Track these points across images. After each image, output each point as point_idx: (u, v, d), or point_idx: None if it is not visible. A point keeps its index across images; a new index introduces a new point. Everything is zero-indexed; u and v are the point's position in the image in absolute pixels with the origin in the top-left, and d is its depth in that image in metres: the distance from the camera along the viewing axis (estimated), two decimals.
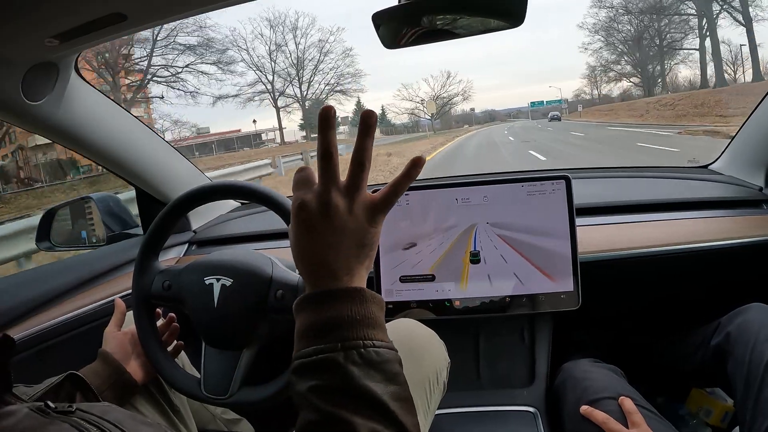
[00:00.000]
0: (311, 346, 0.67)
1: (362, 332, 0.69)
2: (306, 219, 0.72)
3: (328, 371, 0.66)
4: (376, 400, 0.65)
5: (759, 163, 1.79)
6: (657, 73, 62.14)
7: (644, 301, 1.81)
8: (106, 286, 1.63)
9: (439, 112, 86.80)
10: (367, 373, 0.66)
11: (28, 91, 1.25)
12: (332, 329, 0.68)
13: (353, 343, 0.67)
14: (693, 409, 1.69)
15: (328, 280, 0.72)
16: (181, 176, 1.92)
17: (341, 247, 0.72)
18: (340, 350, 0.66)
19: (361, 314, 0.70)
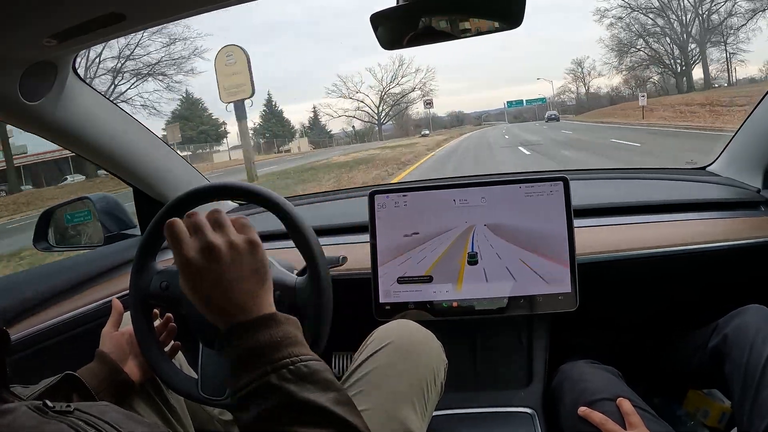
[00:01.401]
0: (242, 380, 0.71)
1: (286, 351, 0.73)
2: (200, 266, 0.78)
3: (266, 396, 0.69)
4: (319, 409, 0.69)
5: (757, 164, 1.79)
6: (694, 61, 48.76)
7: (642, 302, 1.81)
8: (104, 287, 1.63)
9: (389, 113, 73.57)
10: (303, 386, 0.70)
11: (26, 90, 1.25)
12: (257, 357, 0.72)
13: (281, 363, 0.71)
14: (690, 410, 1.69)
15: (239, 314, 0.76)
16: (179, 176, 1.92)
17: (240, 280, 0.78)
18: (270, 373, 0.70)
19: (280, 336, 0.74)
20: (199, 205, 1.27)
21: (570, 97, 74.39)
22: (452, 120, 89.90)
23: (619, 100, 57.11)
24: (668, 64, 50.22)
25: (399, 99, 73.27)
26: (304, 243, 1.14)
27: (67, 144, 1.53)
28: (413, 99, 76.13)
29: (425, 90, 72.49)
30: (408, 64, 75.50)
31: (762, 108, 1.73)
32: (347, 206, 2.24)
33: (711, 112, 25.38)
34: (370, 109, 73.19)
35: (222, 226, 0.81)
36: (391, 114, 74.33)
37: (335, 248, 1.63)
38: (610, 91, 63.58)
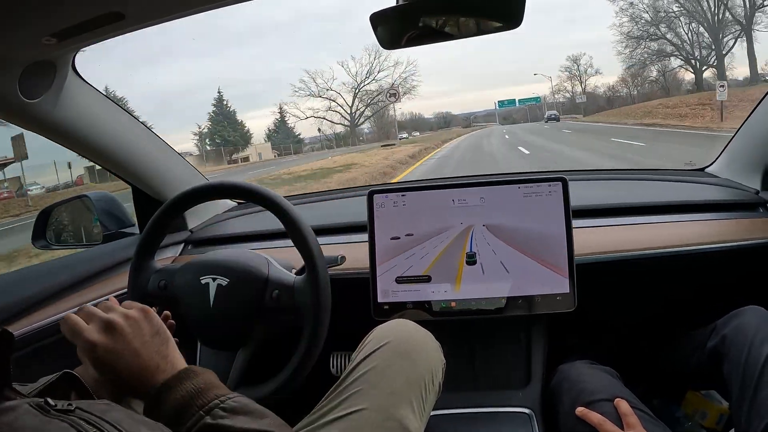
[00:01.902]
0: (182, 428, 0.73)
1: (212, 394, 0.76)
2: (107, 345, 0.82)
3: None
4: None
5: (755, 165, 1.79)
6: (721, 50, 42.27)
7: (640, 303, 1.82)
8: (103, 285, 1.63)
9: (364, 113, 63.78)
10: (239, 419, 0.73)
11: (26, 89, 1.25)
12: (186, 408, 0.75)
13: (211, 405, 0.74)
14: (688, 412, 1.69)
15: (158, 376, 0.80)
16: (178, 175, 1.92)
17: (146, 345, 0.82)
18: (205, 415, 0.73)
19: (202, 383, 0.78)
20: (198, 204, 1.28)
21: (565, 96, 70.30)
22: (439, 121, 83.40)
23: (617, 100, 55.71)
24: (691, 54, 44.88)
25: (376, 97, 64.85)
26: (303, 242, 1.15)
27: (66, 142, 1.53)
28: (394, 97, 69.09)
29: (407, 87, 64.21)
30: (386, 56, 66.80)
31: (761, 109, 1.73)
32: (346, 206, 2.24)
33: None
34: (342, 109, 64.79)
35: (110, 307, 0.87)
36: (368, 114, 65.97)
37: (334, 248, 1.63)
38: (607, 91, 61.54)
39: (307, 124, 69.61)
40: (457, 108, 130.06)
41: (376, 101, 64.55)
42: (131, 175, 1.78)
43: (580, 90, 67.06)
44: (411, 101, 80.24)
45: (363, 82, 64.47)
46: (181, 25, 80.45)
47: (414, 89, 65.42)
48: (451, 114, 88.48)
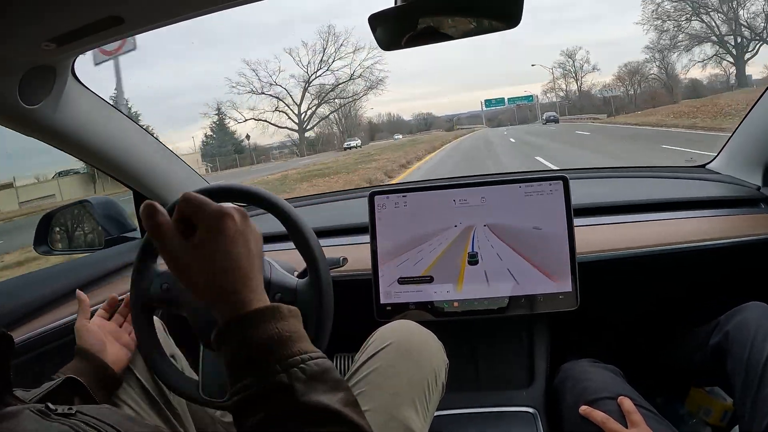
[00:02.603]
0: (248, 377, 0.65)
1: (295, 348, 0.67)
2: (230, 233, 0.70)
3: (275, 398, 0.64)
4: (331, 412, 0.64)
5: (756, 162, 1.79)
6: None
7: (643, 300, 1.81)
8: (104, 290, 1.63)
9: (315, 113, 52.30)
10: (314, 387, 0.64)
11: (26, 94, 1.25)
12: (266, 354, 0.66)
13: (292, 361, 0.65)
14: (692, 409, 1.69)
15: (240, 303, 0.69)
16: (179, 179, 1.92)
17: (247, 256, 0.72)
18: (281, 372, 0.64)
19: (288, 330, 0.68)
20: None
21: (559, 95, 64.14)
22: (419, 123, 74.02)
23: (615, 100, 52.64)
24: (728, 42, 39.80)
25: (329, 92, 53.48)
26: (305, 244, 1.14)
27: (67, 147, 1.53)
28: (357, 93, 55.26)
29: (373, 79, 53.65)
30: (343, 40, 55.60)
31: (761, 105, 1.73)
32: (347, 207, 2.24)
33: None
34: (290, 109, 52.34)
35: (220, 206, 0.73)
36: (322, 115, 54.14)
37: (336, 249, 1.63)
38: (603, 89, 57.05)
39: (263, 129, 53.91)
40: (441, 110, 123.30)
41: (327, 98, 53.85)
42: (132, 179, 1.78)
43: (575, 88, 62.34)
44: (389, 100, 71.83)
45: (315, 74, 52.74)
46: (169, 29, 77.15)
47: (382, 82, 54.84)
48: (432, 116, 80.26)
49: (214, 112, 51.57)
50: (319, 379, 0.65)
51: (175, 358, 1.39)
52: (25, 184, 31.14)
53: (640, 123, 28.09)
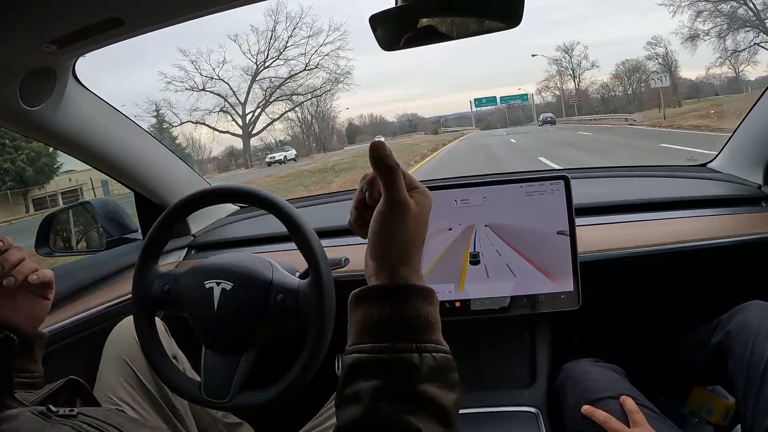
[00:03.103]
0: (384, 341, 0.66)
1: (434, 336, 0.68)
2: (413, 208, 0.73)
3: (400, 372, 0.64)
4: (441, 408, 0.65)
5: (757, 160, 1.79)
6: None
7: (644, 300, 1.81)
8: (106, 291, 1.63)
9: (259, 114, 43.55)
10: (436, 379, 0.65)
11: (27, 96, 1.26)
12: (409, 329, 0.67)
13: (428, 347, 0.66)
14: (695, 408, 1.69)
15: (406, 268, 0.73)
16: (180, 180, 1.93)
17: (420, 239, 0.75)
18: (415, 351, 0.65)
19: (433, 317, 0.69)
20: (200, 208, 1.28)
21: (554, 94, 59.98)
22: (403, 125, 70.09)
23: (613, 100, 50.44)
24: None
25: (279, 87, 43.43)
26: (306, 245, 1.14)
27: (68, 149, 1.53)
28: (319, 88, 46.37)
29: (338, 71, 45.55)
30: (299, 21, 45.49)
31: (762, 104, 1.73)
32: (348, 208, 2.23)
33: None
34: (234, 109, 43.94)
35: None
36: (276, 115, 45.04)
37: (337, 250, 1.63)
38: (600, 88, 54.25)
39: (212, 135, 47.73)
40: (429, 111, 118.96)
41: (288, 94, 44.17)
42: (133, 180, 1.78)
43: (572, 87, 57.83)
44: (378, 101, 65.99)
45: (263, 64, 43.21)
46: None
47: (349, 75, 46.86)
48: (418, 117, 75.71)
49: (152, 114, 43.58)
50: (443, 374, 0.67)
51: (176, 358, 1.39)
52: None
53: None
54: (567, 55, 57.98)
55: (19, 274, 1.06)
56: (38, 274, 1.08)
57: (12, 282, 1.04)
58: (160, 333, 1.28)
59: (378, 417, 0.63)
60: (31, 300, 1.11)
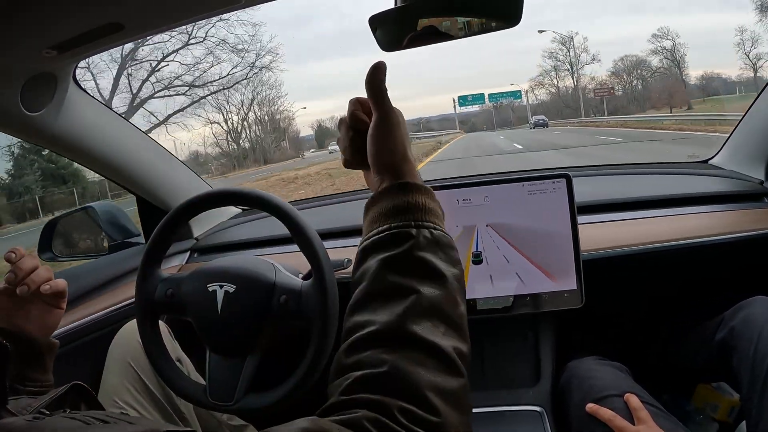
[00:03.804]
0: (386, 224, 0.75)
1: (432, 219, 0.77)
2: (399, 118, 0.84)
3: (399, 243, 0.73)
4: (438, 272, 0.72)
5: (759, 156, 1.79)
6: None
7: (647, 297, 1.81)
8: (109, 296, 1.63)
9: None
10: (434, 250, 0.73)
11: (27, 101, 1.26)
12: (408, 211, 0.75)
13: (425, 224, 0.75)
14: (699, 405, 1.69)
15: (407, 165, 0.82)
16: (182, 184, 1.93)
17: (407, 142, 0.84)
18: (413, 227, 0.74)
19: (432, 206, 0.78)
20: (202, 212, 1.28)
21: (549, 90, 53.83)
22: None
23: (612, 100, 45.77)
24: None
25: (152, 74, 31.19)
26: (309, 246, 1.14)
27: (69, 154, 1.54)
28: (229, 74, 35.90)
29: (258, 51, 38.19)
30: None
31: (763, 99, 1.73)
32: (351, 209, 2.24)
33: None
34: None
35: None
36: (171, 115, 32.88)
37: (340, 251, 1.63)
38: (597, 86, 48.15)
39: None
40: (412, 113, 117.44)
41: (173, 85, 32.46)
42: (135, 185, 1.78)
43: (571, 83, 51.50)
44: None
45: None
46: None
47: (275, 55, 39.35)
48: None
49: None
50: (441, 247, 0.74)
51: (180, 362, 1.39)
52: None
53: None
54: (564, 48, 52.06)
55: (32, 283, 1.05)
56: (50, 284, 1.08)
57: (25, 291, 1.04)
58: (164, 336, 1.28)
59: (380, 284, 0.71)
60: (44, 309, 1.10)
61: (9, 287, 1.05)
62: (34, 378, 1.06)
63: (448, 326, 0.68)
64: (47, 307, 1.11)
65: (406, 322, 0.66)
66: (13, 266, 1.05)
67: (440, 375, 0.64)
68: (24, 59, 1.14)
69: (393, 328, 0.66)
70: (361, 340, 0.67)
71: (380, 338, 0.66)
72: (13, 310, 1.07)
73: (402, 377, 0.62)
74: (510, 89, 57.48)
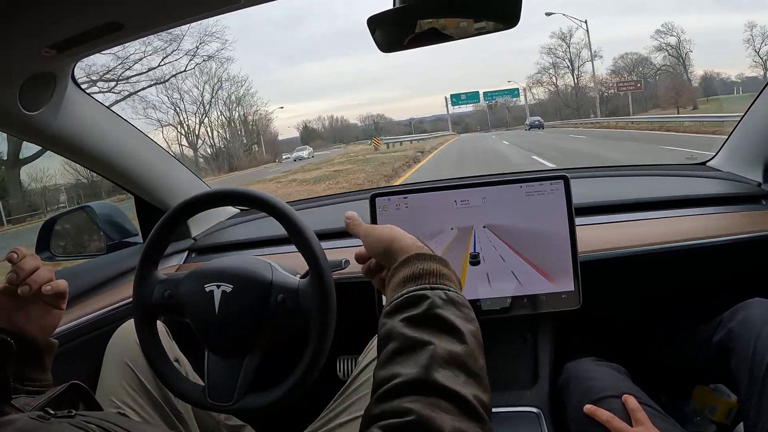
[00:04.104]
0: (405, 289, 0.81)
1: (447, 283, 0.82)
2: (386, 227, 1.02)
3: (417, 304, 0.78)
4: (454, 328, 0.75)
5: (757, 158, 1.79)
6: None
7: (645, 298, 1.81)
8: (107, 295, 1.63)
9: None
10: (449, 308, 0.77)
11: (26, 101, 1.26)
12: (423, 276, 0.82)
13: (440, 286, 0.81)
14: (697, 406, 1.69)
15: (419, 247, 0.92)
16: (180, 184, 1.93)
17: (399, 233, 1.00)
18: (428, 289, 0.80)
19: (445, 272, 0.85)
20: (200, 212, 1.28)
21: (549, 89, 51.26)
22: (368, 129, 63.35)
23: (613, 99, 44.04)
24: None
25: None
26: (307, 247, 1.15)
27: (67, 153, 1.53)
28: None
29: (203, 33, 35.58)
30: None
31: (761, 101, 1.73)
32: (348, 209, 2.23)
33: None
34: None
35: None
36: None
37: (338, 252, 1.63)
38: (598, 85, 45.74)
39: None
40: (406, 113, 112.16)
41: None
42: (133, 184, 1.78)
43: (571, 81, 48.59)
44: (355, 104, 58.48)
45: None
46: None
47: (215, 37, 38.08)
48: (384, 118, 68.27)
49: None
50: (457, 306, 0.79)
51: (178, 361, 1.39)
52: None
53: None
54: (564, 43, 50.19)
55: (33, 283, 1.05)
56: (52, 285, 1.07)
57: (27, 291, 1.04)
58: (162, 336, 1.28)
59: (402, 340, 0.74)
60: (44, 309, 1.10)
61: (10, 287, 1.05)
62: (33, 377, 1.06)
63: (468, 376, 0.71)
64: (47, 307, 1.10)
65: (429, 372, 0.68)
66: (15, 266, 1.05)
67: (464, 421, 0.65)
68: (23, 59, 1.14)
69: (416, 378, 0.68)
70: (386, 392, 0.69)
71: (404, 389, 0.68)
72: (13, 310, 1.06)
73: (425, 422, 0.63)
74: (507, 87, 55.71)
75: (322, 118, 61.81)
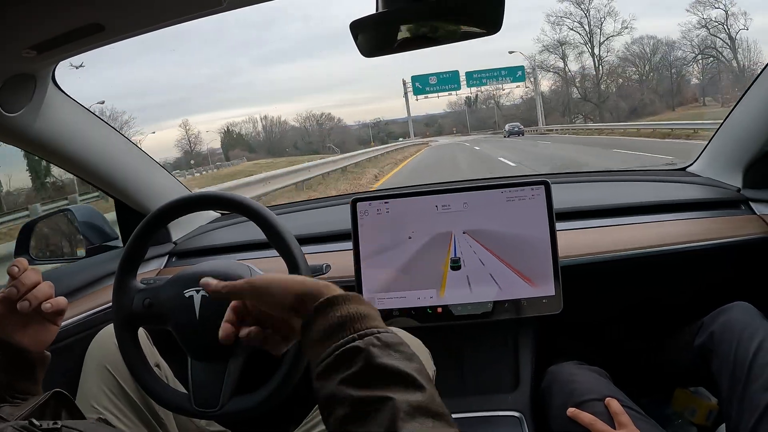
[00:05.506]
0: (329, 347, 0.71)
1: (372, 323, 0.74)
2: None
3: (352, 359, 0.69)
4: (403, 374, 0.68)
5: (736, 164, 1.81)
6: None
7: (626, 303, 1.83)
8: (87, 300, 1.62)
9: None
10: (388, 353, 0.70)
11: (6, 102, 1.24)
12: (344, 326, 0.72)
13: (368, 331, 0.72)
14: (678, 409, 1.70)
15: (320, 296, 0.77)
16: (161, 188, 1.91)
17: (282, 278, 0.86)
18: (357, 339, 0.70)
19: (365, 311, 0.75)
20: (180, 216, 1.27)
21: (554, 76, 41.40)
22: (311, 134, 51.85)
23: (627, 98, 35.32)
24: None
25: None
26: (287, 251, 1.15)
27: (47, 155, 1.52)
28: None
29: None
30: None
31: (740, 108, 1.75)
32: (329, 214, 2.23)
33: None
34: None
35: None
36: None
37: (318, 256, 1.62)
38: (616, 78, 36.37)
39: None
40: (372, 115, 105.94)
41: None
42: (113, 187, 1.77)
43: (591, 64, 37.62)
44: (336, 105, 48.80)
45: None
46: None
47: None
48: (339, 124, 56.62)
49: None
50: (393, 348, 0.71)
51: (159, 367, 1.38)
52: None
53: None
54: (579, 9, 37.30)
55: (33, 298, 1.03)
56: (52, 302, 1.05)
57: (26, 306, 1.02)
58: (143, 342, 1.27)
59: (349, 406, 0.66)
60: (41, 323, 1.08)
61: (9, 299, 1.03)
62: (23, 389, 1.04)
63: (434, 419, 0.66)
64: (45, 322, 1.08)
65: (395, 430, 0.63)
66: (16, 280, 1.03)
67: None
68: (3, 59, 1.13)
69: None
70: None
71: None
72: (9, 321, 1.04)
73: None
74: (505, 65, 41.75)
75: (255, 120, 53.38)
